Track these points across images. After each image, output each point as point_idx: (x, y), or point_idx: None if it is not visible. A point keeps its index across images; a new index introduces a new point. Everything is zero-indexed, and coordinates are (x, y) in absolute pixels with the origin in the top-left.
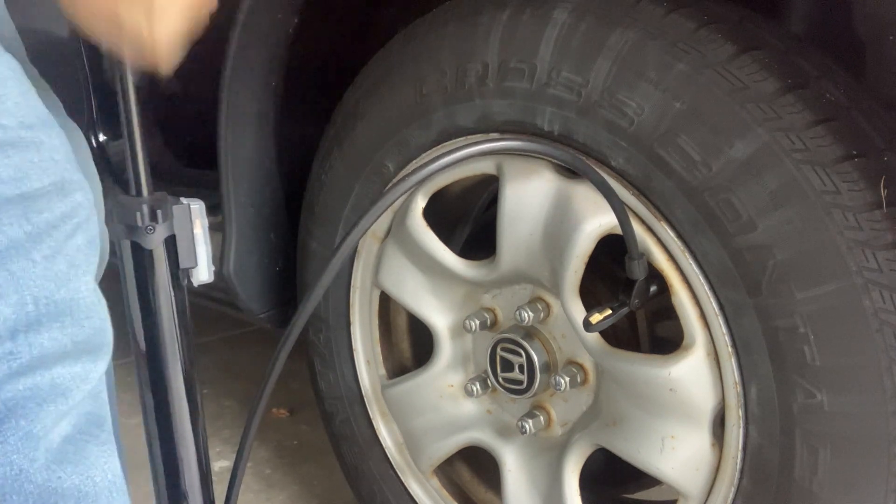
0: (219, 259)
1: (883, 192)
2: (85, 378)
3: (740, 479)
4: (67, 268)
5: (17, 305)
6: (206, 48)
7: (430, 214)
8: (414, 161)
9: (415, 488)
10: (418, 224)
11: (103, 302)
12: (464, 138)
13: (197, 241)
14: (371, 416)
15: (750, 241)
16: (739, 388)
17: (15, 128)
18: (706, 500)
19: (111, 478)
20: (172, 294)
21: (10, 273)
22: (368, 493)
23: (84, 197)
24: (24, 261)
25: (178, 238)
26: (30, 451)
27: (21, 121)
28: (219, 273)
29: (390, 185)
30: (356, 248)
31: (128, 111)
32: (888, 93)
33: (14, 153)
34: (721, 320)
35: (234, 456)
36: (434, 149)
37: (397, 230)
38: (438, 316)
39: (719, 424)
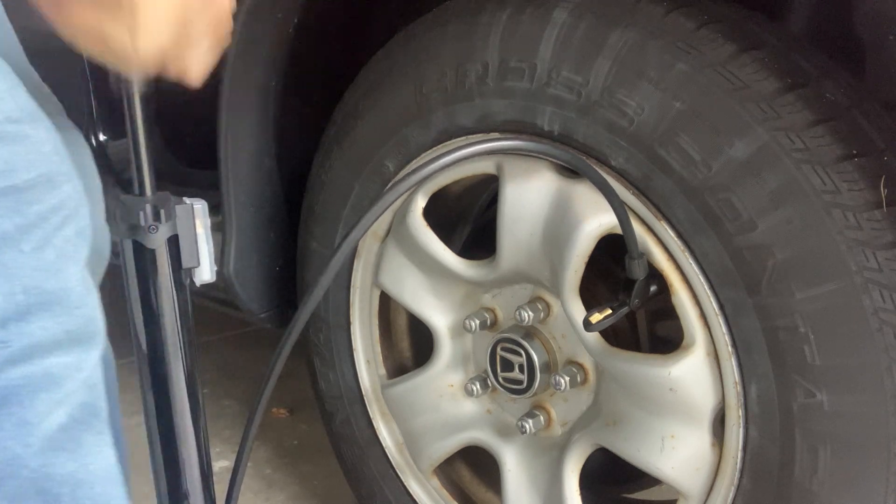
0: (219, 259)
1: (883, 192)
2: (78, 367)
3: (740, 478)
4: (57, 258)
5: (7, 295)
6: None
7: (430, 214)
8: (414, 161)
9: (415, 488)
10: (418, 224)
11: (94, 292)
12: (464, 138)
13: (199, 241)
14: (371, 416)
15: (750, 241)
16: (739, 388)
17: (3, 122)
18: (706, 499)
19: (106, 466)
20: (175, 294)
21: (1, 263)
22: (368, 493)
23: (73, 188)
24: (14, 251)
25: (180, 238)
26: (25, 437)
27: (7, 115)
28: (219, 273)
29: (390, 184)
30: (356, 247)
31: (132, 111)
32: (888, 93)
33: (2, 146)
34: (721, 320)
35: (234, 456)
36: (434, 148)
37: (397, 230)
38: (438, 316)
39: (719, 424)
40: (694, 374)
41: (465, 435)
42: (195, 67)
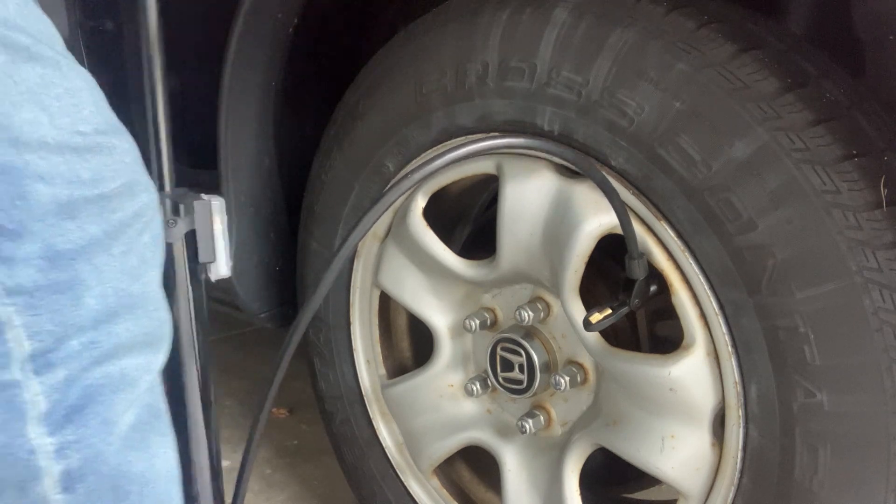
0: None
1: (883, 192)
2: (148, 368)
3: (740, 478)
4: (139, 263)
5: (100, 297)
6: (207, 47)
7: (430, 214)
8: (414, 160)
9: (415, 488)
10: (418, 224)
11: (165, 296)
12: (464, 138)
13: (216, 237)
14: (371, 416)
15: (750, 241)
16: (739, 388)
17: (91, 134)
18: (706, 499)
19: (168, 467)
20: (190, 288)
21: (94, 266)
22: (368, 493)
23: (150, 197)
24: (105, 255)
25: (198, 233)
26: (106, 435)
27: (96, 127)
28: None
29: (390, 184)
30: (356, 247)
31: (155, 108)
32: (888, 93)
33: (92, 157)
34: (721, 320)
35: (234, 456)
36: (434, 148)
37: (397, 230)
38: (438, 316)
39: (719, 424)
40: (694, 374)
41: (465, 435)
42: None
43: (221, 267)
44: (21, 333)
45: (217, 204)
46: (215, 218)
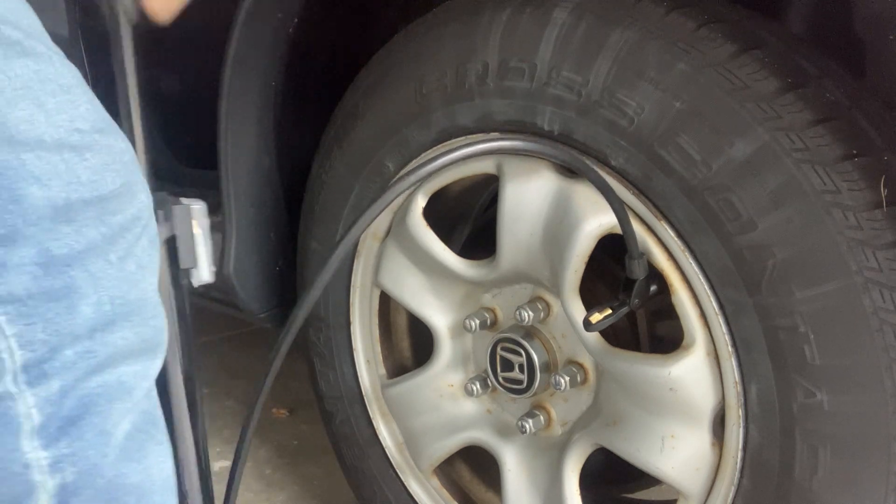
0: (219, 259)
1: (883, 192)
2: (145, 376)
3: (740, 478)
4: (136, 269)
5: (96, 305)
6: (207, 47)
7: (430, 214)
8: (414, 160)
9: (415, 488)
10: (418, 224)
11: (161, 302)
12: (464, 138)
13: (197, 242)
14: (371, 416)
15: (750, 241)
16: (739, 388)
17: (90, 132)
18: (706, 499)
19: (165, 476)
20: (172, 294)
21: (90, 273)
22: (368, 493)
23: (147, 198)
24: (102, 262)
25: (178, 238)
26: (103, 447)
27: (93, 125)
28: (219, 273)
29: (390, 184)
30: (356, 247)
31: (128, 112)
32: (888, 93)
33: (91, 156)
34: (721, 320)
35: (233, 456)
36: (434, 148)
37: (397, 230)
38: (438, 315)
39: (719, 424)
40: (694, 374)
41: (465, 435)
42: (162, 2)
43: (204, 272)
44: (13, 343)
45: (197, 208)
46: (195, 222)
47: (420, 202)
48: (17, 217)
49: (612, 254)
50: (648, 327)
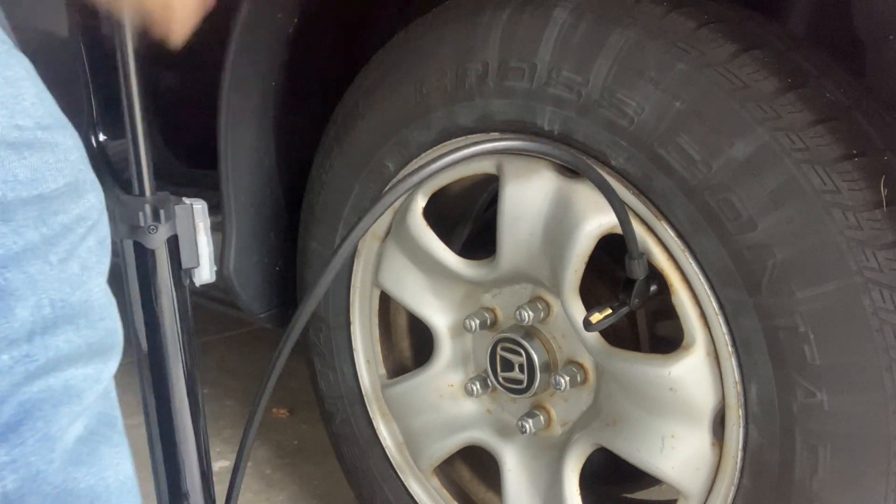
0: (219, 259)
1: (883, 192)
2: (97, 379)
3: (740, 478)
4: (81, 270)
5: (35, 308)
6: (207, 47)
7: (430, 214)
8: (414, 161)
9: (415, 488)
10: (418, 224)
11: (114, 303)
12: (464, 138)
13: (199, 242)
14: (371, 416)
15: (750, 241)
16: (739, 388)
17: (32, 128)
18: (706, 499)
19: (122, 479)
20: (174, 294)
21: (28, 275)
22: (368, 493)
23: (97, 198)
24: (41, 263)
25: (180, 238)
26: (47, 452)
27: (37, 121)
28: (219, 273)
29: (390, 184)
30: (356, 247)
31: (131, 111)
32: (888, 93)
33: (30, 154)
34: (721, 320)
35: (234, 456)
36: (434, 148)
37: (397, 230)
38: (438, 315)
39: (719, 424)
40: (694, 374)
41: (465, 435)
42: (177, 27)
43: (205, 272)
44: None
45: (199, 208)
46: (198, 222)
47: (420, 202)
48: None
49: (612, 254)
50: (648, 327)
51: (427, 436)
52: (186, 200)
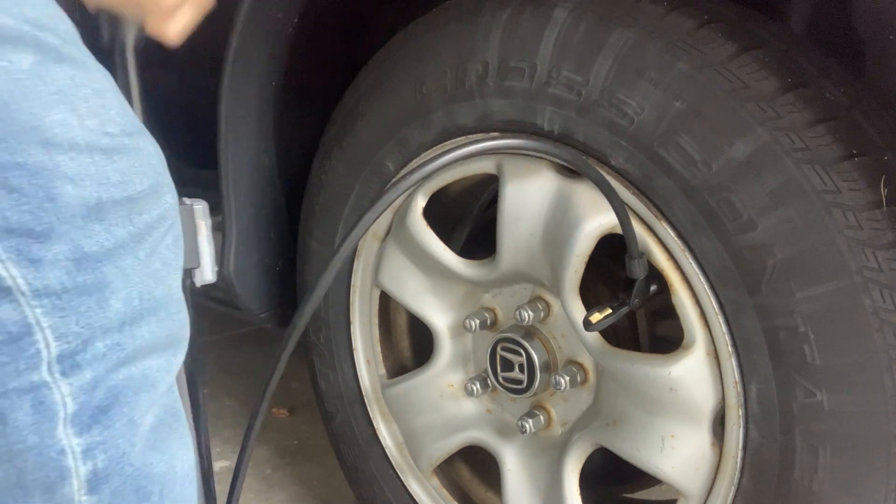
0: (219, 259)
1: (883, 192)
2: (168, 369)
3: (740, 478)
4: (161, 265)
5: (126, 300)
6: (207, 47)
7: (430, 214)
8: (414, 160)
9: (415, 488)
10: (418, 223)
11: (184, 298)
12: (464, 137)
13: (200, 242)
14: (371, 416)
15: (750, 241)
16: (739, 388)
17: (119, 135)
18: (706, 499)
19: (187, 468)
20: None
21: (120, 270)
22: (368, 493)
23: (173, 199)
24: (131, 259)
25: (181, 238)
26: (131, 436)
27: (123, 128)
28: (219, 273)
29: (390, 184)
30: (356, 247)
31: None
32: (888, 92)
33: (119, 158)
34: (721, 319)
35: (234, 456)
36: (434, 148)
37: (397, 230)
38: (438, 315)
39: (719, 424)
40: (694, 374)
41: (465, 435)
42: (174, 24)
43: (207, 272)
44: (49, 335)
45: (200, 208)
46: (199, 222)
47: (420, 202)
48: (53, 215)
49: (612, 254)
50: (648, 327)
51: (427, 436)
52: (187, 201)
